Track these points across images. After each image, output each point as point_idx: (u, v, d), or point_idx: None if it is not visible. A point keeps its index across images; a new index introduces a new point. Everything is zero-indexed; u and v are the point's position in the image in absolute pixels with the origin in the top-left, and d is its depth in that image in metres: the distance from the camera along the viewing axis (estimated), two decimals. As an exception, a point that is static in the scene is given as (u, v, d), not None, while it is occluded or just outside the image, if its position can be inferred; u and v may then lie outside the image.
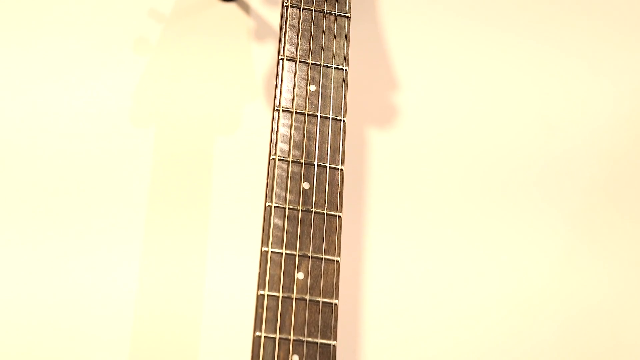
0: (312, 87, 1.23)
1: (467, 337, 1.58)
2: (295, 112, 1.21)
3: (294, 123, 1.20)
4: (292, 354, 1.10)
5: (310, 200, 1.17)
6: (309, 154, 1.19)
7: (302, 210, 1.16)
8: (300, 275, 1.13)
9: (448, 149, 1.63)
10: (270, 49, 1.58)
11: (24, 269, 1.44)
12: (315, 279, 1.13)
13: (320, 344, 1.11)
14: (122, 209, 1.48)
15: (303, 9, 1.27)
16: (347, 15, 1.28)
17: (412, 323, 1.57)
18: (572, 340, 1.61)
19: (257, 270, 1.14)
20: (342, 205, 1.18)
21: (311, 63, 1.24)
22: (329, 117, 1.21)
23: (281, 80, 1.22)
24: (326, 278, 1.14)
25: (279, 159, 1.18)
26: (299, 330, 1.11)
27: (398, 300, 1.57)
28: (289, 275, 1.13)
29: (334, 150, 1.20)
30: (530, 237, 1.62)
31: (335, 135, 1.21)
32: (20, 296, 1.44)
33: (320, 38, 1.26)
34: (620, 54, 1.74)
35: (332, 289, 1.13)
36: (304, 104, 1.21)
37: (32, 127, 1.49)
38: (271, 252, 1.13)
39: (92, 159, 1.49)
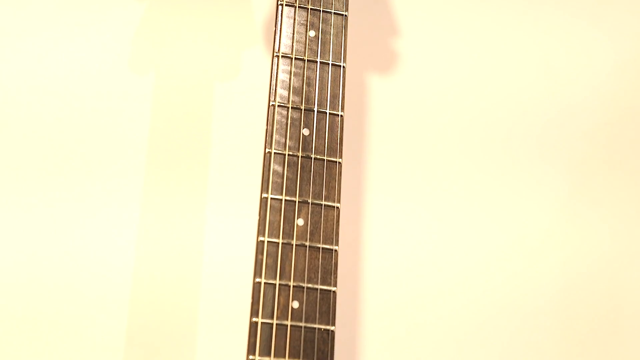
0: (312, 33, 1.22)
1: (465, 290, 1.59)
2: (295, 58, 1.20)
3: (293, 69, 1.19)
4: (292, 300, 1.11)
5: (310, 147, 1.16)
6: (308, 100, 1.18)
7: (301, 156, 1.16)
8: (300, 222, 1.13)
9: (448, 96, 1.62)
10: (269, -6, 1.57)
11: (22, 229, 1.44)
12: (315, 225, 1.13)
13: (321, 290, 1.12)
14: (121, 154, 1.48)
15: (302, -47, 1.25)
16: (346, -41, 1.26)
17: (412, 272, 1.57)
18: (572, 294, 1.61)
19: (257, 217, 1.14)
20: (342, 152, 1.17)
21: (310, 8, 1.23)
22: (329, 63, 1.21)
23: (280, 26, 1.21)
24: (326, 224, 1.13)
25: (278, 105, 1.17)
26: (299, 277, 1.11)
27: (398, 248, 1.57)
28: (289, 222, 1.13)
29: (334, 97, 1.19)
30: (531, 193, 1.62)
31: (335, 81, 1.20)
32: (20, 257, 1.44)
33: (320, -17, 1.25)
34: (621, 6, 1.73)
35: (332, 235, 1.13)
36: (303, 49, 1.21)
37: (29, 80, 1.48)
38: (271, 198, 1.13)
39: (90, 112, 1.49)
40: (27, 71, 1.48)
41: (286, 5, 1.22)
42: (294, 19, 1.22)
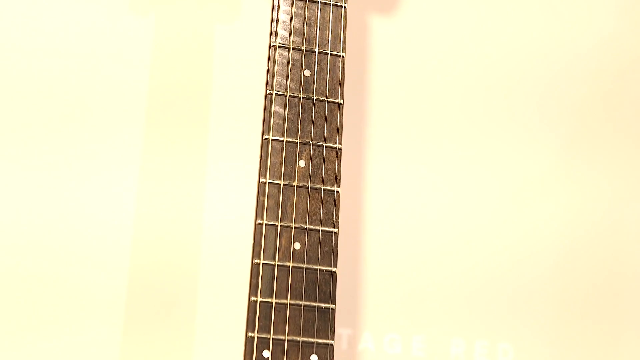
0: (313, -27, 1.20)
1: (467, 238, 1.59)
2: (296, -2, 1.19)
3: (294, 10, 1.18)
4: (294, 242, 1.11)
5: (312, 88, 1.15)
6: (309, 41, 1.17)
7: (303, 97, 1.15)
8: (301, 163, 1.12)
9: (450, 40, 1.61)
10: None
11: (21, 189, 1.44)
12: (317, 167, 1.13)
13: (322, 231, 1.11)
14: (122, 99, 1.47)
15: None
16: None
17: (414, 217, 1.57)
18: (573, 249, 1.61)
19: (259, 159, 1.13)
20: (343, 93, 1.17)
21: (311, -52, 1.21)
22: (330, 4, 1.19)
23: (281, -35, 1.20)
24: (328, 166, 1.13)
25: (279, 46, 1.16)
26: (300, 218, 1.11)
27: (400, 191, 1.57)
28: (291, 163, 1.12)
29: (335, 37, 1.18)
30: (531, 150, 1.61)
31: (337, 21, 1.19)
32: (19, 218, 1.43)
33: None
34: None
35: (334, 177, 1.13)
36: (304, -10, 1.19)
37: (25, 32, 1.47)
38: (272, 140, 1.12)
39: (89, 60, 1.47)
40: (23, 22, 1.47)
41: (287, -56, 1.21)
42: (295, -41, 1.20)
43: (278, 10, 1.18)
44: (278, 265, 1.10)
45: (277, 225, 1.10)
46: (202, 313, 1.46)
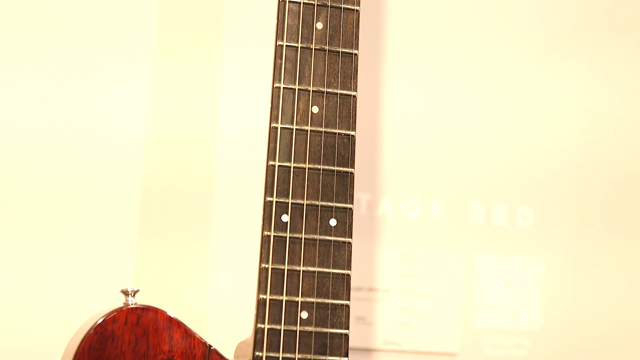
0: None
1: (487, 107, 1.57)
2: None
3: None
4: (312, 105, 1.09)
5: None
6: None
7: (320, -43, 1.12)
8: (319, 25, 1.10)
9: None
10: None
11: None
12: (335, 29, 1.11)
13: (340, 94, 1.10)
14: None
15: None
16: None
17: (434, 79, 1.56)
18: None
19: (275, 22, 1.11)
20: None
21: None
22: None
23: None
24: (345, 28, 1.11)
25: None
26: (318, 81, 1.09)
27: (420, 57, 1.55)
28: (308, 26, 1.10)
29: None
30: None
31: None
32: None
33: None
34: None
35: (352, 39, 1.11)
36: None
37: None
38: (289, 2, 1.10)
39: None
40: None
41: None
42: None
43: None
44: (296, 129, 1.09)
45: (295, 89, 1.09)
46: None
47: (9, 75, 1.42)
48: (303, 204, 1.08)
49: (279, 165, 1.08)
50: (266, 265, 1.06)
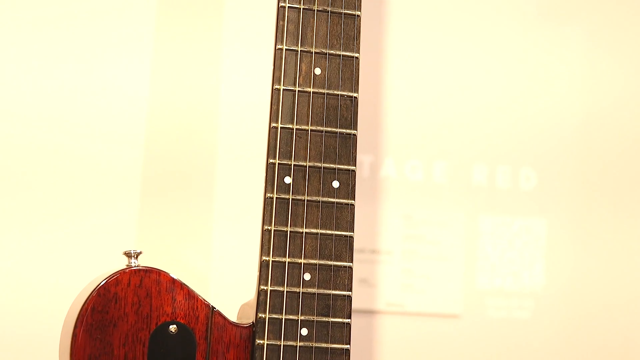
0: None
1: (488, 71, 1.57)
2: None
3: None
4: (315, 67, 1.09)
5: None
6: None
7: None
8: (321, -14, 1.10)
9: None
10: None
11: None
12: (337, -10, 1.10)
13: (343, 56, 1.09)
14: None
15: None
16: None
17: (436, 44, 1.55)
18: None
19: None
20: None
21: None
22: None
23: None
24: (348, -12, 1.10)
25: None
26: (320, 43, 1.09)
27: (422, 19, 1.54)
28: (310, -14, 1.09)
29: None
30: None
31: None
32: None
33: None
34: None
35: (355, 1, 1.10)
36: None
37: None
38: (291, -38, 1.09)
39: None
40: None
41: None
42: None
43: None
44: (299, 91, 1.08)
45: (297, 51, 1.08)
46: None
47: (11, 46, 1.42)
48: (305, 166, 1.08)
49: (281, 127, 1.07)
50: (269, 227, 1.06)
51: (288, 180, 1.07)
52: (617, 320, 1.58)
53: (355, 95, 1.09)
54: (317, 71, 1.09)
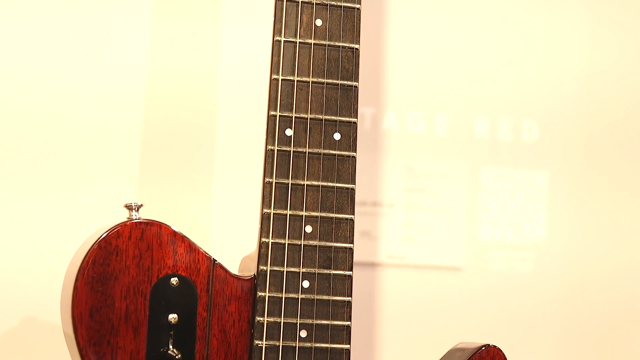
0: None
1: (491, 27, 1.55)
2: None
3: None
4: (316, 18, 1.08)
5: None
6: None
7: None
8: (322, -64, 1.09)
9: None
10: None
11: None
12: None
13: (344, 7, 1.09)
14: None
15: None
16: None
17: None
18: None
19: None
20: None
21: None
22: None
23: None
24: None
25: None
26: (322, -6, 1.08)
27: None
28: (311, -64, 1.08)
29: None
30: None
31: None
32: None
33: None
34: None
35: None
36: None
37: None
38: None
39: None
40: None
41: None
42: None
43: None
44: (299, 42, 1.07)
45: (298, 2, 1.07)
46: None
47: (11, 17, 1.41)
48: (307, 118, 1.07)
49: (282, 79, 1.07)
50: (270, 180, 1.06)
51: (289, 132, 1.07)
52: (618, 273, 1.58)
53: (356, 46, 1.09)
54: (318, 22, 1.08)
